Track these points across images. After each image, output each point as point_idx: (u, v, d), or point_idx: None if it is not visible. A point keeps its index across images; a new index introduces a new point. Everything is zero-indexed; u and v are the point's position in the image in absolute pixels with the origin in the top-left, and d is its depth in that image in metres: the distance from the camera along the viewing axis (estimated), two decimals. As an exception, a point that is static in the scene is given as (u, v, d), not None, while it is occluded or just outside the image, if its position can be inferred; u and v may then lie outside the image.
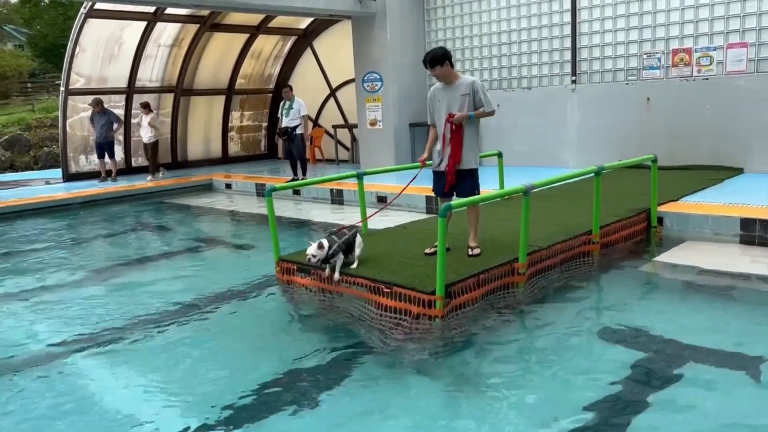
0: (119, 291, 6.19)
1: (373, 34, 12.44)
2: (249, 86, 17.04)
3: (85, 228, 9.93)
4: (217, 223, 9.93)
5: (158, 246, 8.28)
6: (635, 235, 6.72)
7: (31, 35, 39.22)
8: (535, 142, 11.53)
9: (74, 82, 13.86)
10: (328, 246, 5.06)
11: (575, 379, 3.71)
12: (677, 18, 9.83)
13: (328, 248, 5.05)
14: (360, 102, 13.09)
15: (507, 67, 11.94)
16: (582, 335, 4.37)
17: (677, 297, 5.22)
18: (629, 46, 10.41)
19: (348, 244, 5.21)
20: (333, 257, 5.10)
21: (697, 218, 6.70)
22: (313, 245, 5.07)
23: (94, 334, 4.89)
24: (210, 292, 5.83)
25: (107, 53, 14.08)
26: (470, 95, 5.24)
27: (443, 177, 5.39)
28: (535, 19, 11.44)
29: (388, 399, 3.61)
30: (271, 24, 15.50)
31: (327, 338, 4.62)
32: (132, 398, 3.79)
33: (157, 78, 15.19)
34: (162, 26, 14.27)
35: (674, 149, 9.81)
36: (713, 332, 4.31)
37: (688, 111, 9.77)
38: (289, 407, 3.55)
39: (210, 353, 4.45)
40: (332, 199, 10.62)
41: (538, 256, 5.42)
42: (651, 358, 3.92)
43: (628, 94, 10.42)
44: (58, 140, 16.84)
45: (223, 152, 17.01)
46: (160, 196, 12.63)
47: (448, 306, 4.52)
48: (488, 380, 3.78)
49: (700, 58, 9.67)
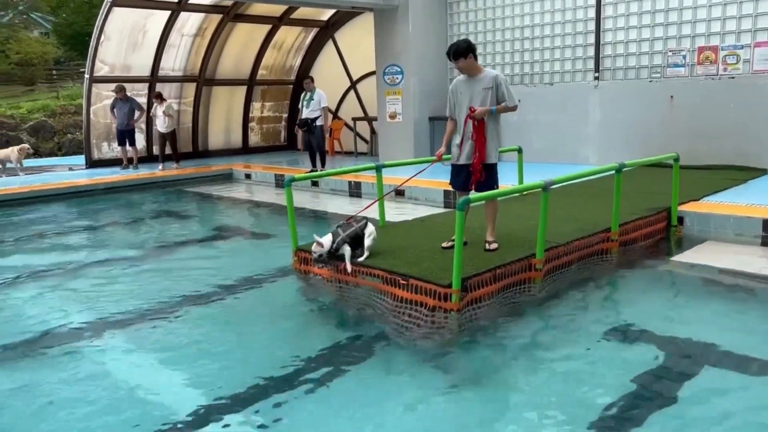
0: (139, 276, 6.28)
1: (396, 27, 12.42)
2: (270, 77, 17.11)
3: (106, 214, 10.07)
4: (236, 212, 10.02)
5: (177, 234, 8.38)
6: (655, 233, 6.66)
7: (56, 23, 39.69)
8: (556, 138, 11.45)
9: (98, 69, 14.01)
10: (331, 241, 5.10)
11: (590, 377, 3.70)
12: (704, 15, 9.69)
13: (332, 243, 5.09)
14: (380, 95, 13.09)
15: (529, 62, 11.86)
16: (598, 333, 4.35)
17: (696, 297, 5.17)
18: (654, 43, 10.28)
19: (355, 236, 5.19)
20: (338, 251, 5.12)
21: (719, 218, 6.62)
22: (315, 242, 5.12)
23: (114, 317, 4.97)
24: (228, 280, 5.90)
25: (131, 42, 14.21)
26: (493, 89, 5.23)
27: (461, 170, 5.39)
28: (558, 13, 11.35)
29: (400, 390, 3.63)
30: (293, 15, 15.53)
31: (342, 328, 4.67)
32: (150, 378, 3.87)
33: (179, 67, 15.31)
34: (186, 16, 14.36)
35: (697, 148, 9.69)
36: (732, 333, 4.26)
37: (713, 110, 9.64)
38: (301, 393, 3.59)
39: (227, 338, 4.50)
40: (350, 192, 10.65)
41: (555, 252, 5.40)
42: (667, 358, 3.89)
43: (651, 91, 10.30)
44: (81, 127, 17.08)
45: (244, 142, 17.12)
46: (180, 184, 12.76)
47: (464, 299, 4.52)
48: (502, 375, 3.80)
49: (726, 57, 9.52)
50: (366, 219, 5.39)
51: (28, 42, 34.48)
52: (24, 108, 23.17)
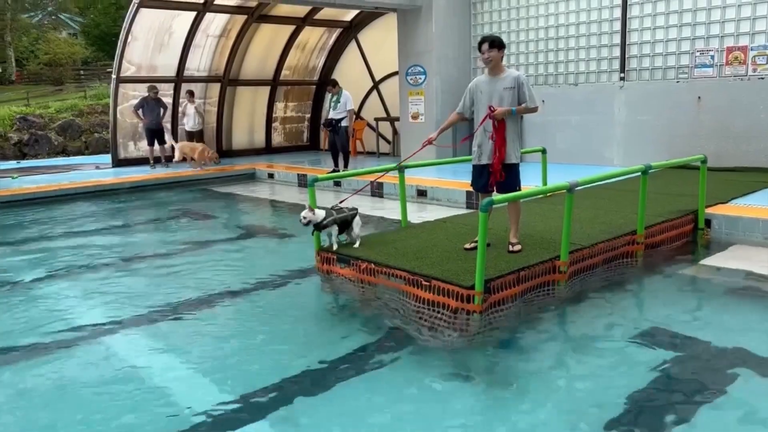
0: (163, 275, 6.35)
1: (419, 27, 12.41)
2: (294, 77, 17.21)
3: (133, 213, 10.21)
4: (259, 212, 10.09)
5: (201, 232, 8.47)
6: (681, 236, 6.57)
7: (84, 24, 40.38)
8: (581, 139, 11.34)
9: (125, 70, 14.22)
10: (323, 217, 5.57)
11: (614, 381, 3.66)
12: (733, 15, 9.53)
13: (323, 218, 5.57)
14: (403, 95, 13.09)
15: (553, 62, 11.77)
16: (622, 337, 4.30)
17: (723, 301, 5.08)
18: (681, 44, 10.13)
19: (344, 221, 5.67)
20: (326, 227, 5.61)
21: (747, 221, 6.50)
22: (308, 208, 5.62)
23: (138, 314, 5.04)
24: (251, 279, 5.95)
25: (158, 42, 14.40)
26: (515, 89, 5.19)
27: (483, 171, 5.37)
28: (584, 13, 11.24)
29: (421, 391, 3.63)
30: (317, 16, 15.61)
31: (363, 329, 4.67)
32: (173, 377, 3.91)
33: (204, 67, 15.48)
34: (211, 16, 14.51)
35: (725, 150, 9.54)
36: (759, 339, 4.19)
37: (741, 111, 9.47)
38: (323, 396, 3.60)
39: (249, 337, 4.54)
40: (372, 192, 10.66)
41: (580, 254, 5.35)
42: (693, 363, 3.84)
43: (678, 92, 10.16)
44: (108, 126, 17.35)
45: (267, 142, 17.24)
46: (204, 183, 12.89)
47: (486, 301, 4.50)
48: (524, 378, 3.77)
49: (756, 57, 9.35)
50: (356, 210, 5.88)
51: (56, 42, 35.14)
52: (53, 107, 23.61)
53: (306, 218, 5.58)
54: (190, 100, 14.38)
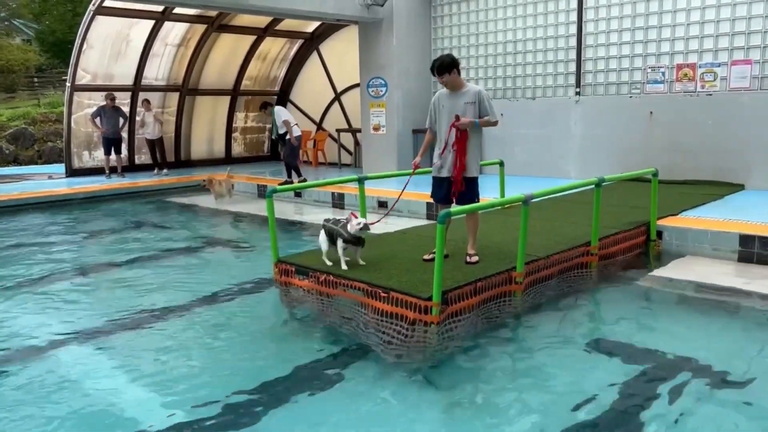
0: (117, 287, 6.21)
1: (380, 40, 12.49)
2: (254, 88, 17.10)
3: (85, 224, 9.95)
4: (218, 222, 9.96)
5: (157, 244, 8.30)
6: (634, 248, 6.73)
7: (39, 30, 39.34)
8: (538, 152, 11.55)
9: (80, 78, 13.92)
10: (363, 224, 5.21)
11: (568, 391, 3.72)
12: (682, 33, 9.87)
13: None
14: (364, 107, 13.13)
15: (512, 76, 11.98)
16: (577, 347, 4.38)
17: (673, 311, 5.22)
18: (634, 60, 10.44)
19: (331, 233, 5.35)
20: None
21: (697, 233, 6.71)
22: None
23: (89, 328, 4.91)
24: (207, 291, 5.85)
25: (114, 50, 14.14)
26: (476, 104, 5.26)
27: (443, 183, 5.41)
28: (540, 29, 11.49)
29: (379, 404, 3.62)
30: (278, 27, 15.56)
31: (322, 341, 4.64)
32: (124, 392, 3.82)
33: (163, 76, 15.26)
34: (170, 25, 14.34)
35: (676, 164, 9.83)
36: (707, 348, 4.31)
37: (691, 126, 9.79)
38: (280, 409, 3.56)
39: (205, 352, 4.46)
40: (333, 203, 10.65)
41: (535, 265, 5.43)
42: (644, 373, 3.92)
43: (631, 107, 10.45)
44: (62, 135, 16.90)
45: (227, 152, 17.06)
46: (161, 194, 12.66)
47: (444, 312, 4.52)
48: (480, 389, 3.80)
49: (704, 74, 9.70)
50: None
51: (9, 49, 34.11)
52: (4, 115, 22.88)
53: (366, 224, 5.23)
54: (147, 109, 14.27)
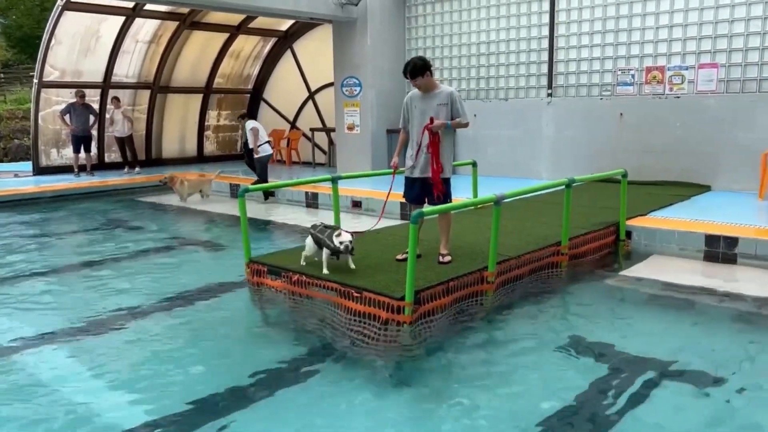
0: (86, 288, 6.10)
1: (354, 39, 12.48)
2: (227, 86, 16.94)
3: (53, 223, 9.76)
4: (190, 222, 9.84)
5: (127, 244, 8.18)
6: (604, 247, 6.83)
7: (6, 25, 38.43)
8: (510, 152, 11.65)
9: (48, 74, 13.65)
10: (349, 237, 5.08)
11: (537, 389, 3.77)
12: (651, 37, 10.04)
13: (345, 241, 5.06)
14: (338, 106, 13.10)
15: (485, 77, 12.06)
16: (547, 345, 4.43)
17: (641, 310, 5.31)
18: (604, 62, 10.59)
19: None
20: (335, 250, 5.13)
21: (664, 233, 6.84)
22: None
23: (58, 329, 4.82)
24: (178, 292, 5.79)
25: (83, 47, 13.89)
26: (448, 105, 5.28)
27: (415, 184, 5.43)
28: (514, 31, 11.59)
29: (351, 403, 3.62)
30: (251, 24, 15.44)
31: (294, 341, 4.62)
32: (94, 394, 3.75)
33: (134, 74, 15.04)
34: (140, 22, 14.13)
35: (645, 165, 10.01)
36: (673, 346, 4.39)
37: (660, 128, 9.97)
38: (252, 410, 3.54)
39: (175, 352, 4.40)
40: (307, 203, 10.61)
41: (507, 265, 5.48)
42: (612, 370, 3.99)
43: (602, 109, 10.60)
44: (29, 133, 16.54)
45: (199, 151, 16.89)
46: (131, 193, 12.48)
47: (416, 312, 4.54)
48: (451, 387, 3.82)
49: (672, 77, 9.88)
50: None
51: (-27, 44, 33.27)
52: (-32, 112, 22.34)
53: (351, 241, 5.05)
54: (116, 106, 14.06)
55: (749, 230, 6.54)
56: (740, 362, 4.09)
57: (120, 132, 14.21)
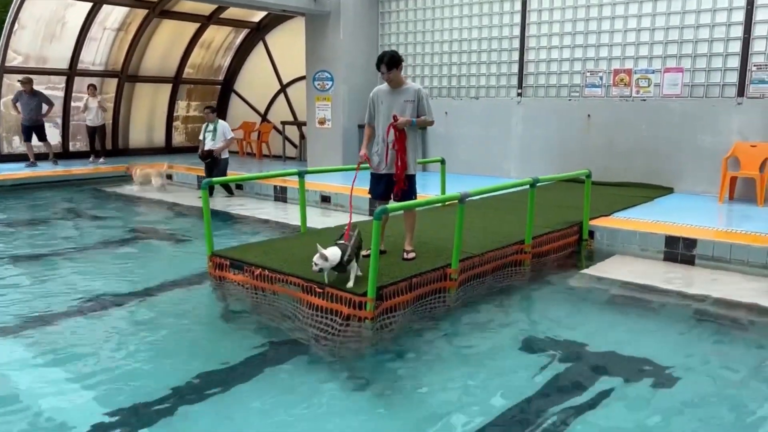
0: (44, 279, 5.97)
1: (326, 33, 12.40)
2: (197, 76, 16.71)
3: (13, 212, 9.51)
4: (154, 214, 9.69)
5: (89, 235, 8.02)
6: (567, 246, 6.92)
7: (-31, 7, 37.33)
8: (480, 151, 11.72)
9: (11, 59, 13.28)
10: (341, 252, 4.54)
11: (493, 386, 3.80)
12: (620, 40, 10.18)
13: (341, 256, 4.53)
14: (310, 100, 13.02)
15: (456, 75, 12.10)
16: (505, 343, 4.47)
17: (600, 309, 5.40)
18: (574, 63, 10.71)
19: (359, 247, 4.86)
20: (350, 262, 4.61)
21: (626, 234, 6.95)
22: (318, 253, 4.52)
23: (11, 321, 4.70)
24: (139, 285, 5.70)
25: (48, 32, 13.55)
26: (414, 102, 5.28)
27: (381, 180, 5.43)
28: (485, 30, 11.64)
29: (311, 398, 3.60)
30: (223, 15, 15.23)
31: (256, 336, 4.58)
32: (48, 388, 3.68)
33: (101, 62, 14.73)
34: (108, 9, 13.84)
35: (611, 166, 10.15)
36: (630, 344, 4.47)
37: (626, 130, 10.13)
38: (210, 405, 3.50)
39: (134, 346, 4.33)
40: (275, 196, 10.53)
41: (470, 262, 5.51)
42: (569, 367, 4.04)
43: (570, 109, 10.72)
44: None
45: (167, 142, 16.64)
46: (95, 182, 12.24)
47: (378, 308, 4.54)
48: (410, 383, 3.83)
49: (639, 80, 10.04)
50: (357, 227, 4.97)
51: (-65, 25, 32.19)
52: (-73, 95, 21.61)
53: (318, 265, 4.49)
54: (92, 94, 13.64)
55: (708, 232, 6.69)
56: (695, 361, 4.18)
57: (92, 121, 13.79)
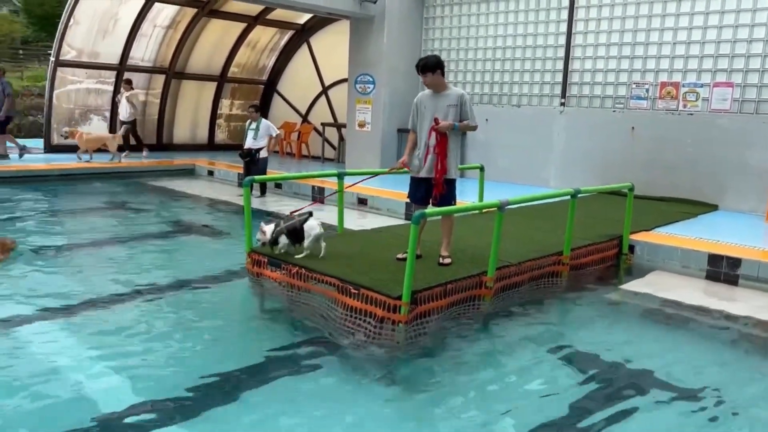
0: (88, 267, 6.15)
1: (371, 37, 12.48)
2: (242, 75, 16.99)
3: (60, 202, 9.83)
4: (195, 209, 9.88)
5: (132, 227, 8.22)
6: (606, 260, 6.81)
7: (27, 1, 38.67)
8: (520, 159, 11.63)
9: (65, 53, 13.72)
10: (272, 231, 5.44)
11: (528, 398, 3.77)
12: (668, 52, 9.99)
13: (271, 232, 5.43)
14: (351, 102, 13.11)
15: (499, 82, 12.04)
16: (540, 355, 4.42)
17: (638, 325, 5.30)
18: (619, 75, 10.55)
19: (293, 229, 5.40)
20: (277, 241, 5.42)
21: (667, 249, 6.81)
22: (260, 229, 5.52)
23: (58, 308, 4.86)
24: (178, 279, 5.82)
25: (101, 28, 13.97)
26: (457, 107, 5.29)
27: (421, 184, 5.44)
28: (531, 38, 11.56)
29: (342, 398, 3.63)
30: (269, 16, 15.47)
31: (289, 334, 4.64)
32: (84, 372, 3.79)
33: (149, 58, 15.10)
34: (159, 7, 14.19)
35: (654, 180, 9.96)
36: (667, 362, 4.38)
37: (671, 144, 9.93)
38: (242, 401, 3.56)
39: (171, 338, 4.43)
40: (313, 197, 10.62)
41: (507, 271, 5.47)
42: (603, 384, 3.98)
43: (614, 121, 10.56)
44: (43, 110, 16.64)
45: (210, 139, 16.94)
46: (140, 176, 12.53)
47: (412, 312, 4.55)
48: (442, 389, 3.83)
49: (686, 93, 9.83)
50: (309, 214, 5.54)
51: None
52: (-16, 86, 22.45)
53: (260, 240, 5.53)
54: (125, 90, 13.72)
55: (753, 252, 6.50)
56: (731, 384, 4.07)
57: (121, 115, 13.83)
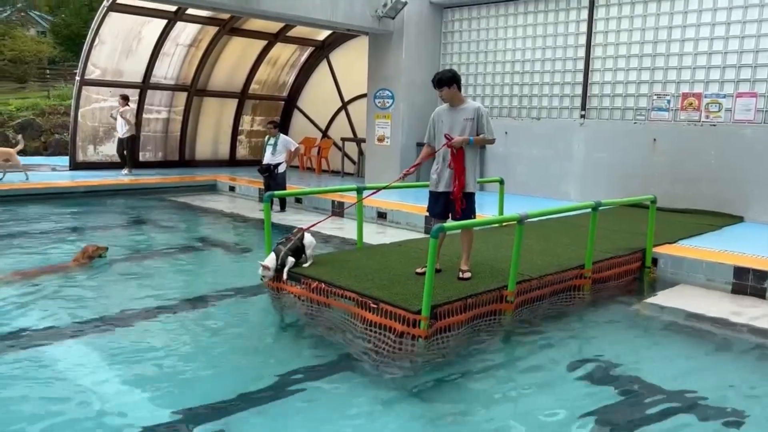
0: (110, 282, 6.22)
1: (389, 52, 12.56)
2: (263, 92, 17.19)
3: (85, 217, 9.98)
4: (216, 224, 9.97)
5: (153, 242, 8.32)
6: (629, 273, 6.72)
7: (54, 23, 39.65)
8: (540, 172, 11.57)
9: (90, 72, 14.02)
10: (275, 260, 5.51)
11: (551, 413, 3.71)
12: (689, 63, 9.90)
13: (275, 261, 5.51)
14: (370, 117, 13.18)
15: (518, 95, 12.02)
16: (562, 369, 4.36)
17: (662, 339, 5.20)
18: (640, 86, 10.47)
19: (296, 248, 5.63)
20: (284, 266, 5.52)
21: (692, 262, 6.70)
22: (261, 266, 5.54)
23: (79, 324, 4.92)
24: (200, 293, 5.87)
25: (125, 47, 14.26)
26: (474, 120, 5.29)
27: (439, 198, 5.43)
28: (549, 51, 11.54)
29: (359, 414, 3.61)
30: (289, 33, 15.66)
31: (308, 348, 4.65)
32: (110, 389, 3.82)
33: (172, 76, 15.36)
34: (182, 26, 14.45)
35: (676, 192, 9.84)
36: (691, 378, 4.30)
37: (693, 155, 9.80)
38: (263, 415, 3.56)
39: (189, 353, 4.46)
40: (333, 211, 10.66)
41: (528, 285, 5.43)
42: (626, 398, 3.91)
43: (635, 133, 10.47)
44: (69, 128, 16.99)
45: (231, 155, 17.13)
46: (162, 192, 12.69)
47: (432, 327, 4.52)
48: (463, 405, 3.79)
49: (709, 104, 9.72)
50: (303, 230, 5.79)
51: (23, 40, 34.35)
52: (13, 105, 23.02)
53: (264, 277, 5.55)
54: (121, 104, 13.61)
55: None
56: (758, 401, 3.97)
57: (119, 132, 13.82)
